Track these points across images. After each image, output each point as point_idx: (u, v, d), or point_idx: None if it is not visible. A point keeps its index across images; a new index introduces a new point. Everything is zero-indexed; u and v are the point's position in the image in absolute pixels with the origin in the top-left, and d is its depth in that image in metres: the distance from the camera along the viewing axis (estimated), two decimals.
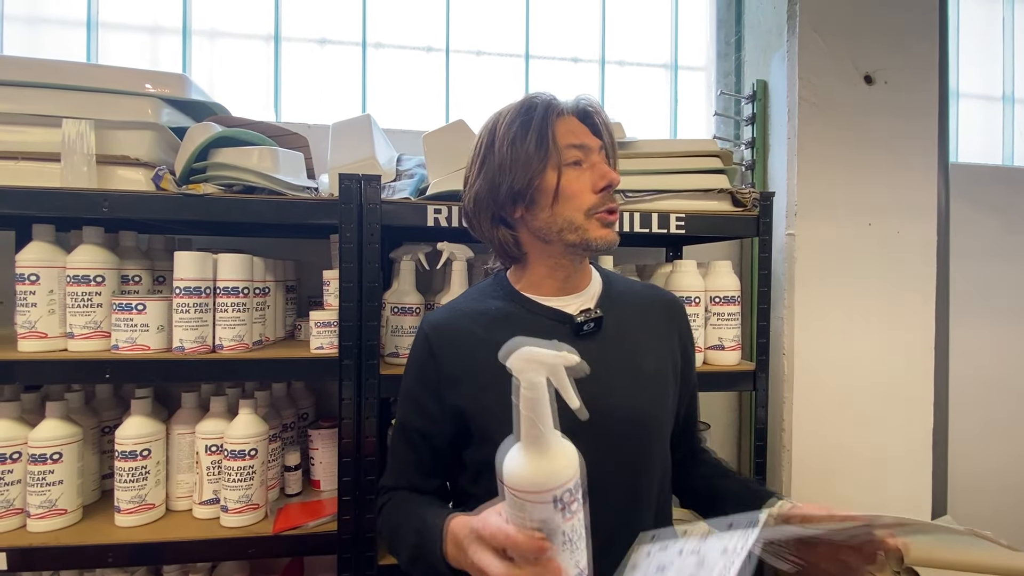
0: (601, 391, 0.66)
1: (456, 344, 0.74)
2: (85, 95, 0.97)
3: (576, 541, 0.50)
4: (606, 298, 0.78)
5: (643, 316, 0.78)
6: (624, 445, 0.71)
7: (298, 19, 1.55)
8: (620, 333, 0.75)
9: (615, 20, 1.71)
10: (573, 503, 0.49)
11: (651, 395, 0.74)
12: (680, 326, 0.81)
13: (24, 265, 0.97)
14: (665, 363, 0.76)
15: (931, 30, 1.43)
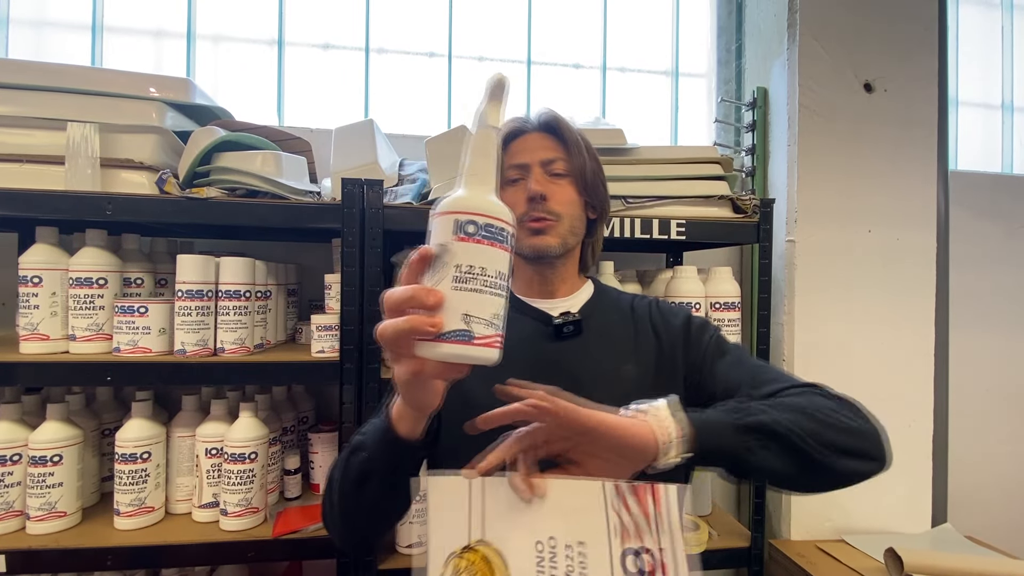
0: (578, 390, 0.63)
1: None
2: (90, 99, 0.98)
3: (475, 282, 0.46)
4: (591, 305, 0.80)
5: (628, 324, 0.79)
6: None
7: (302, 24, 1.56)
8: (602, 337, 0.77)
9: (617, 27, 1.72)
10: (475, 237, 0.46)
11: (630, 397, 0.65)
12: (676, 329, 0.78)
13: (27, 267, 0.98)
14: (648, 369, 0.75)
15: (931, 38, 1.44)
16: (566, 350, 0.75)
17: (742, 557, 1.15)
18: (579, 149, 0.77)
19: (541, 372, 0.67)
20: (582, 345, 0.75)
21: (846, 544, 1.29)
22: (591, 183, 0.78)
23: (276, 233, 1.29)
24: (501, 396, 0.58)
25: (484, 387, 0.62)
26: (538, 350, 0.75)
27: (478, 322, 0.45)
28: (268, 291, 1.12)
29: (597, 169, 0.80)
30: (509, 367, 0.65)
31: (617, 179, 1.12)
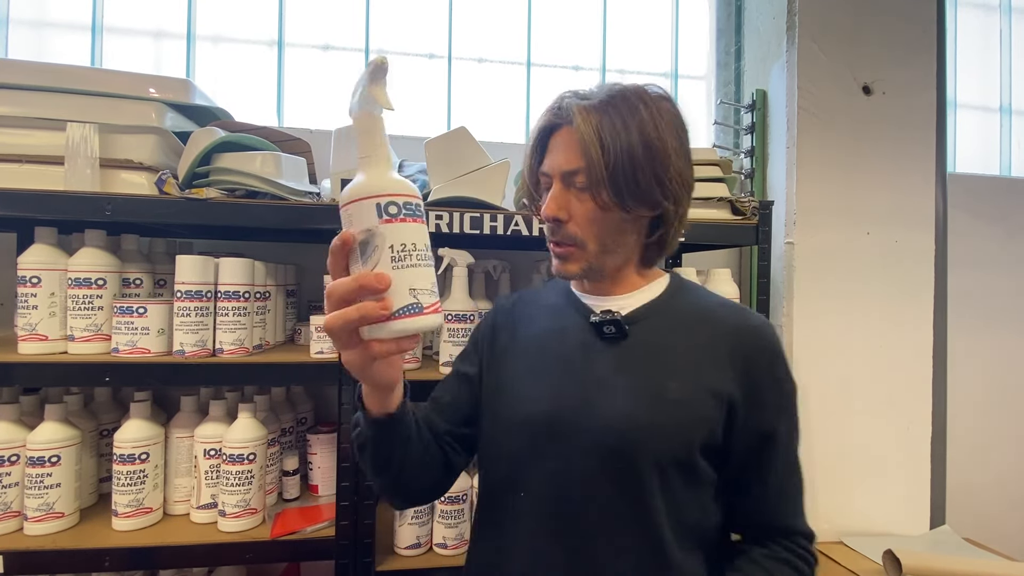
0: (602, 398, 0.65)
1: (515, 319, 0.78)
2: (89, 99, 0.98)
3: (410, 257, 0.48)
4: (652, 308, 0.70)
5: (691, 337, 0.67)
6: (614, 461, 0.63)
7: (301, 25, 1.56)
8: (652, 344, 0.67)
9: (616, 29, 1.73)
10: (399, 216, 0.48)
11: (663, 417, 0.63)
12: (749, 363, 0.65)
13: (26, 267, 0.98)
14: (700, 393, 0.64)
15: (929, 41, 1.44)
16: (605, 351, 0.68)
17: None
18: (616, 142, 0.62)
19: (571, 368, 0.69)
20: (626, 349, 0.67)
21: (844, 546, 1.29)
22: (629, 183, 0.62)
23: (275, 234, 1.29)
24: None
25: (518, 374, 0.72)
26: (574, 345, 0.70)
27: (423, 292, 0.49)
28: (267, 292, 1.12)
29: (648, 158, 0.62)
30: (543, 356, 0.72)
31: None
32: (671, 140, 0.64)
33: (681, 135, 0.66)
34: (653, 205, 0.65)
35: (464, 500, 1.05)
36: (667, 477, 0.62)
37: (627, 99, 0.64)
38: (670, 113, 0.65)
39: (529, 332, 0.75)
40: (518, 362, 0.73)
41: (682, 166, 0.65)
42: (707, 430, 0.63)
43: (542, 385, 0.69)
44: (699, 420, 0.63)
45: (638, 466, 0.62)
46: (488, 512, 0.73)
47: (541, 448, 0.66)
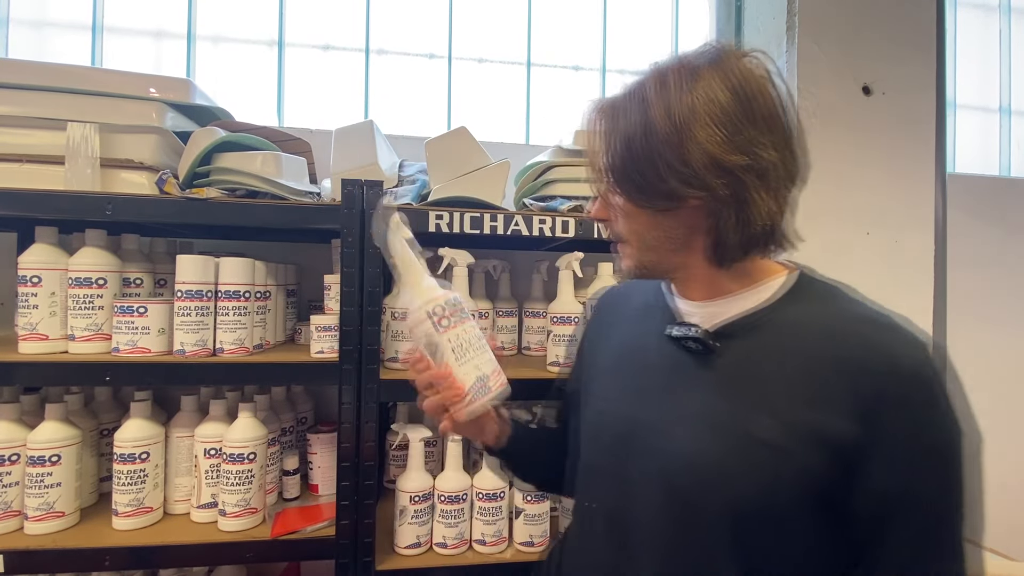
0: (675, 426, 0.57)
1: (609, 313, 0.77)
2: (90, 99, 0.98)
3: (469, 351, 0.64)
4: (753, 319, 0.58)
5: (801, 361, 0.53)
6: (678, 501, 0.56)
7: (302, 25, 1.57)
8: (743, 369, 0.56)
9: (616, 29, 1.73)
10: (449, 316, 0.64)
11: (742, 460, 0.53)
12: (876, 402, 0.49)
13: (26, 267, 0.98)
14: (799, 437, 0.51)
15: (929, 41, 1.44)
16: (689, 368, 0.59)
17: None
18: (612, 136, 0.57)
19: (650, 384, 0.62)
20: (713, 369, 0.57)
21: None
22: (630, 176, 0.56)
23: (276, 234, 1.30)
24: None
25: (602, 380, 0.70)
26: (657, 355, 0.63)
27: (487, 376, 0.65)
28: (267, 292, 1.12)
29: (648, 147, 0.54)
30: (624, 364, 0.68)
31: None
32: (695, 118, 0.52)
33: (721, 108, 0.52)
34: (668, 196, 0.55)
35: (464, 500, 1.05)
36: (744, 530, 0.52)
37: (641, 84, 0.56)
38: (708, 84, 0.53)
39: (615, 333, 0.72)
40: (604, 365, 0.71)
41: (716, 145, 0.52)
42: (807, 484, 0.50)
43: (620, 398, 0.65)
44: (795, 471, 0.50)
45: (705, 513, 0.54)
46: (574, 509, 0.72)
47: (611, 465, 0.63)
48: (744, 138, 0.53)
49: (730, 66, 0.54)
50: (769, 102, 0.54)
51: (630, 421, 0.62)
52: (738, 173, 0.53)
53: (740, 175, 0.53)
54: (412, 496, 1.03)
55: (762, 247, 0.58)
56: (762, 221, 0.55)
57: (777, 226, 0.57)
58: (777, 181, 0.55)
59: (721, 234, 0.56)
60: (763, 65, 0.56)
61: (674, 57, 0.57)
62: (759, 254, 0.59)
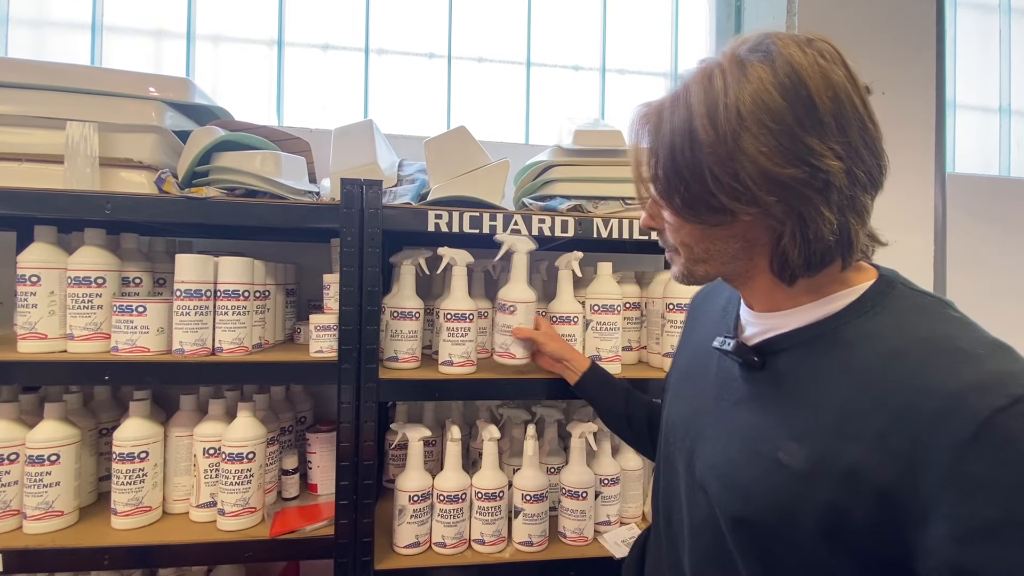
0: (713, 436, 0.58)
1: (697, 312, 0.76)
2: (89, 98, 0.98)
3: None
4: (807, 334, 0.52)
5: (849, 386, 0.47)
6: (707, 511, 0.56)
7: (301, 24, 1.57)
8: (785, 387, 0.52)
9: (616, 29, 1.73)
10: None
11: (761, 481, 0.50)
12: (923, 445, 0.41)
13: (25, 266, 0.98)
14: (825, 468, 0.46)
15: (929, 41, 1.44)
16: (738, 380, 0.57)
17: None
18: (657, 149, 0.53)
19: (703, 391, 0.63)
20: (757, 384, 0.55)
21: None
22: (675, 190, 0.52)
23: (275, 233, 1.30)
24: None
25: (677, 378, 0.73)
26: (715, 363, 0.62)
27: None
28: (267, 291, 1.12)
29: (691, 160, 0.49)
30: (692, 366, 0.69)
31: (616, 180, 1.12)
32: (742, 126, 0.47)
33: (771, 112, 0.46)
34: (718, 210, 0.50)
35: (463, 499, 1.05)
36: (766, 553, 0.50)
37: (686, 87, 0.51)
38: (757, 84, 0.47)
39: (695, 335, 0.72)
40: (680, 367, 0.73)
41: (767, 156, 0.46)
42: (833, 520, 0.45)
43: (682, 400, 0.67)
44: (817, 504, 0.46)
45: (725, 529, 0.53)
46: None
47: (667, 463, 0.66)
48: (801, 147, 0.46)
49: (784, 60, 0.47)
50: (832, 101, 0.46)
51: (685, 427, 0.63)
52: (795, 187, 0.47)
53: (797, 189, 0.47)
54: (411, 495, 1.03)
55: (832, 262, 0.50)
56: (828, 237, 0.48)
57: (850, 239, 0.49)
58: (843, 192, 0.47)
59: (781, 252, 0.50)
60: (828, 55, 0.48)
61: (724, 50, 0.51)
62: (830, 269, 0.51)
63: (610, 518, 1.14)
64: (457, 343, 1.04)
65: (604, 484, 1.13)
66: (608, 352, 1.09)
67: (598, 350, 1.09)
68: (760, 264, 0.54)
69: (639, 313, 1.24)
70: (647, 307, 1.24)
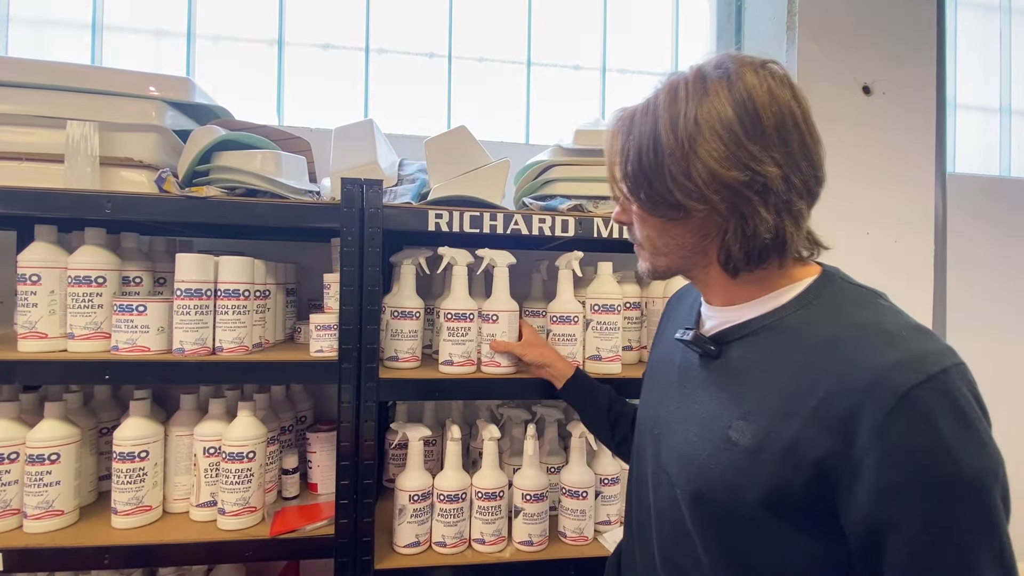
0: (675, 422, 0.64)
1: (671, 312, 0.81)
2: (89, 97, 0.98)
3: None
4: (757, 324, 0.58)
5: (792, 370, 0.53)
6: (669, 493, 0.62)
7: (302, 24, 1.57)
8: (736, 374, 0.58)
9: (616, 28, 1.73)
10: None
11: (714, 460, 0.56)
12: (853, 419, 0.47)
13: (26, 265, 0.98)
14: (770, 446, 0.51)
15: (929, 41, 1.44)
16: (697, 370, 0.63)
17: None
18: (625, 148, 0.60)
19: (668, 382, 0.69)
20: (713, 373, 0.61)
21: None
22: (640, 187, 0.58)
23: (275, 232, 1.30)
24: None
25: (649, 373, 0.78)
26: (679, 357, 0.68)
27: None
28: (267, 290, 1.12)
29: (655, 161, 0.56)
30: (660, 362, 0.74)
31: None
32: (698, 133, 0.53)
33: (723, 123, 0.53)
34: (674, 206, 0.56)
35: (463, 499, 1.05)
36: (722, 531, 0.55)
37: (656, 96, 0.58)
38: (714, 98, 0.54)
39: (666, 333, 0.76)
40: (652, 363, 0.78)
41: (716, 160, 0.53)
42: (779, 493, 0.50)
43: (651, 393, 0.72)
44: (764, 478, 0.51)
45: (685, 508, 0.58)
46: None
47: (638, 454, 0.72)
48: (745, 154, 0.53)
49: (739, 79, 0.54)
50: (775, 117, 0.53)
51: (653, 418, 0.69)
52: (737, 188, 0.53)
53: (739, 190, 0.54)
54: (411, 495, 1.03)
55: (770, 259, 0.57)
56: (765, 235, 0.55)
57: (784, 239, 0.55)
58: (780, 196, 0.54)
59: (726, 246, 0.57)
60: (776, 77, 0.55)
61: (691, 67, 0.58)
62: (771, 265, 0.58)
63: (610, 518, 1.14)
64: (457, 343, 1.04)
65: (604, 484, 1.13)
66: (608, 352, 1.09)
67: (598, 350, 1.09)
68: (712, 258, 0.60)
69: (639, 313, 1.24)
70: (647, 307, 1.24)
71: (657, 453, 0.65)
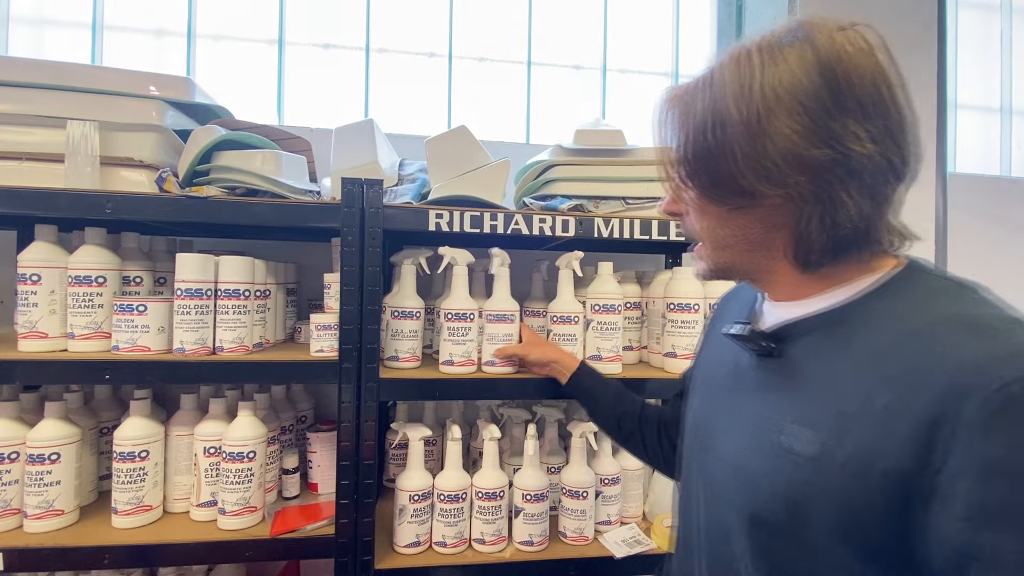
0: (727, 424, 0.57)
1: (722, 311, 0.74)
2: (90, 97, 0.98)
3: None
4: (822, 319, 0.51)
5: (866, 369, 0.45)
6: (715, 499, 0.56)
7: (302, 23, 1.56)
8: (797, 373, 0.51)
9: (617, 28, 1.73)
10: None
11: (766, 468, 0.49)
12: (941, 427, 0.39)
13: (26, 265, 0.98)
14: (839, 458, 0.43)
15: (930, 41, 1.44)
16: (752, 369, 0.56)
17: None
18: (685, 126, 0.52)
19: (718, 382, 0.62)
20: (771, 372, 0.54)
21: None
22: (701, 171, 0.51)
23: (276, 232, 1.29)
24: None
25: (697, 372, 0.71)
26: (732, 354, 0.61)
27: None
28: (267, 290, 1.12)
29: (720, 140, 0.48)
30: (710, 359, 0.68)
31: (617, 180, 1.12)
32: (773, 105, 0.46)
33: (805, 92, 0.45)
34: (743, 192, 0.49)
35: (463, 499, 1.05)
36: (772, 546, 0.48)
37: (719, 67, 0.50)
38: (791, 64, 0.46)
39: (717, 328, 0.70)
40: (702, 363, 0.71)
41: (797, 136, 0.45)
42: (844, 510, 0.43)
43: (700, 399, 0.66)
44: (829, 493, 0.43)
45: (736, 526, 0.52)
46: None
47: (687, 459, 0.65)
48: (831, 128, 0.45)
49: (821, 42, 0.46)
50: (868, 84, 0.46)
51: (702, 420, 0.63)
52: (822, 169, 0.46)
53: (824, 171, 0.46)
54: (412, 495, 1.03)
55: (855, 250, 0.49)
56: (852, 224, 0.47)
57: (873, 228, 0.48)
58: (874, 177, 0.46)
59: (803, 236, 0.49)
60: (866, 39, 0.47)
61: (756, 34, 0.50)
62: (851, 259, 0.50)
63: (610, 518, 1.14)
64: (458, 342, 1.04)
65: (604, 484, 1.13)
66: (609, 352, 1.09)
67: (599, 350, 1.09)
68: (781, 251, 0.52)
69: (640, 313, 1.24)
70: (648, 307, 1.24)
71: (705, 466, 0.59)
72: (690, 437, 0.65)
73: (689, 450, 0.65)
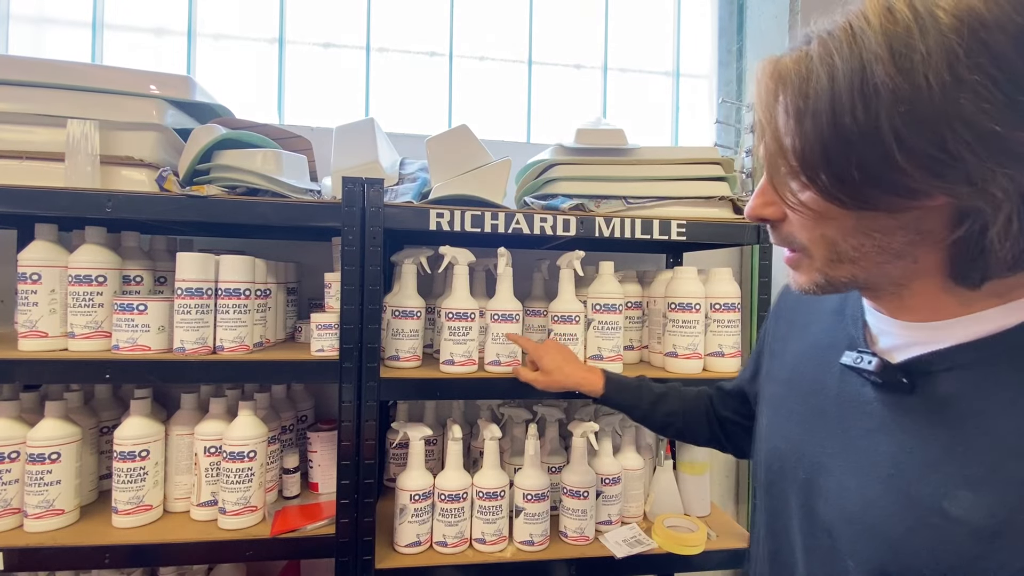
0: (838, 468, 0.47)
1: (793, 316, 0.63)
2: (90, 96, 0.98)
3: None
4: (978, 349, 0.41)
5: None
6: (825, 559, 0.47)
7: (303, 22, 1.56)
8: (949, 415, 0.41)
9: (618, 27, 1.72)
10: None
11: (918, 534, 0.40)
12: None
13: (26, 264, 0.97)
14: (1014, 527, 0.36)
15: None
16: (872, 401, 0.46)
17: (741, 558, 1.15)
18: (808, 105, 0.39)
19: (817, 410, 0.51)
20: (904, 410, 0.44)
21: None
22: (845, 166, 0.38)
23: (276, 231, 1.29)
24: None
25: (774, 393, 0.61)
26: (834, 377, 0.51)
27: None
28: (268, 289, 1.12)
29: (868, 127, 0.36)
30: (797, 380, 0.56)
31: (617, 179, 1.12)
32: (953, 74, 0.33)
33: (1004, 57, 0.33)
34: (901, 192, 0.37)
35: (464, 498, 1.05)
36: None
37: (850, 30, 0.38)
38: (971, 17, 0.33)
39: (798, 338, 0.60)
40: (779, 376, 0.61)
41: (991, 114, 0.33)
42: None
43: (789, 421, 0.56)
44: (1004, 569, 0.36)
45: (850, 565, 0.44)
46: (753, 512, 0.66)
47: (773, 495, 0.56)
48: None
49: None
50: None
51: (799, 455, 0.52)
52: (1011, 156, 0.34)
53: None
54: (412, 495, 1.03)
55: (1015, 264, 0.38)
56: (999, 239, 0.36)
57: None
58: None
59: (971, 245, 0.38)
60: None
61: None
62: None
63: (611, 517, 1.14)
64: (459, 342, 1.04)
65: (605, 483, 1.13)
66: (610, 351, 1.09)
67: (600, 349, 1.09)
68: (929, 264, 0.41)
69: (641, 312, 1.24)
70: (649, 306, 1.24)
71: (809, 505, 0.50)
72: (776, 461, 0.56)
73: (779, 476, 0.55)
